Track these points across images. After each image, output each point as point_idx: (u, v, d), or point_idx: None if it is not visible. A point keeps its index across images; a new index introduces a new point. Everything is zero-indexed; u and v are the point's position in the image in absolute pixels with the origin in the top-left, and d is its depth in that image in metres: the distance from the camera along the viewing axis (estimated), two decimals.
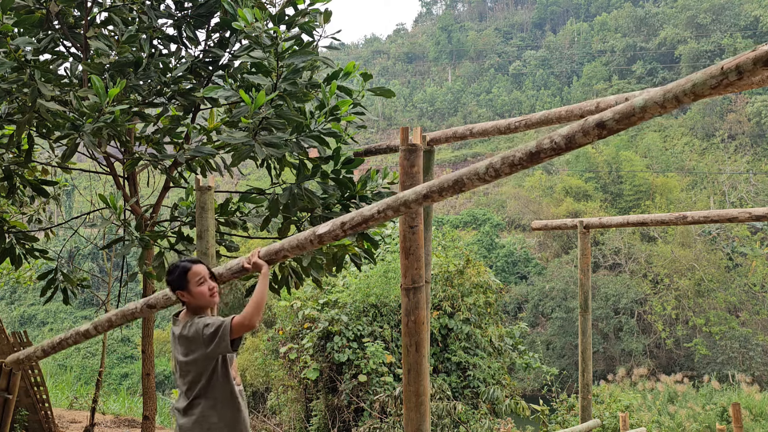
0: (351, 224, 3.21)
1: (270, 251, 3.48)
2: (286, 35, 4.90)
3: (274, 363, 13.36)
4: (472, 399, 11.70)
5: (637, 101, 2.24)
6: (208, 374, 3.18)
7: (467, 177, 2.75)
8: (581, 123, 2.35)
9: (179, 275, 3.27)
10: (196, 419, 3.19)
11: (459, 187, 2.80)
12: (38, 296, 35.78)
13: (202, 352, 3.14)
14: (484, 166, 2.69)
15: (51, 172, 7.18)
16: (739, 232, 36.95)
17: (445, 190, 2.86)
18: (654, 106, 2.21)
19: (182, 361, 3.21)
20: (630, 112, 2.24)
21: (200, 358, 3.16)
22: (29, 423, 6.40)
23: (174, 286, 3.29)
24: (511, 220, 49.91)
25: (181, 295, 3.28)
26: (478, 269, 12.97)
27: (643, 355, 33.32)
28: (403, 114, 70.31)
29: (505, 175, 2.65)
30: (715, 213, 6.80)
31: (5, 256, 5.83)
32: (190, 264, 3.31)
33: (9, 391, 5.41)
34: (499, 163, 2.62)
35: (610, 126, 2.29)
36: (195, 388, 3.20)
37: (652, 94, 2.23)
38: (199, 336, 3.13)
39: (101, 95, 4.40)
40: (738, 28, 57.31)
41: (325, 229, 3.27)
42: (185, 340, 3.19)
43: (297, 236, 3.43)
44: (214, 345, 3.10)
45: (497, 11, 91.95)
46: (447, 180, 2.85)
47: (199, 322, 3.17)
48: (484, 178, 2.70)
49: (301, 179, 5.13)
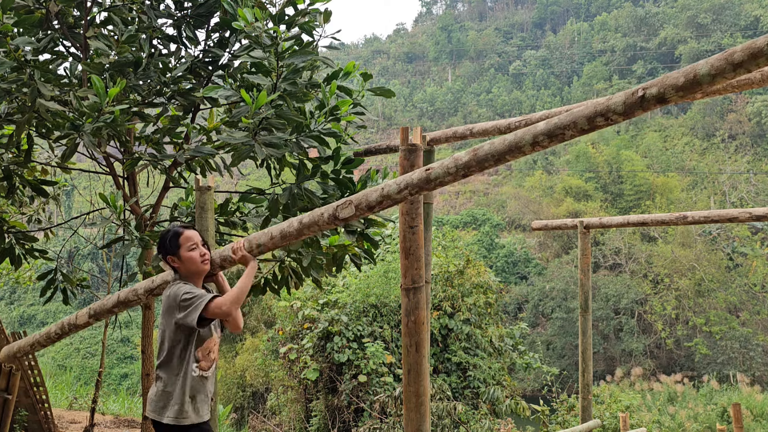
0: (368, 203, 2.97)
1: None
2: (286, 35, 4.89)
3: (274, 363, 13.36)
4: (473, 399, 11.69)
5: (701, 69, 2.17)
6: (169, 344, 3.17)
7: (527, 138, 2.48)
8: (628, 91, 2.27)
9: (171, 238, 3.24)
10: (158, 392, 3.21)
11: (518, 150, 2.53)
12: (38, 296, 35.81)
13: (171, 317, 3.13)
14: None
15: (51, 172, 7.18)
16: (740, 232, 36.96)
17: (488, 160, 2.62)
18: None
19: (159, 323, 3.21)
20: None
21: (169, 323, 3.15)
22: (29, 423, 6.40)
23: (166, 250, 3.25)
24: (511, 220, 49.93)
25: (171, 261, 3.25)
26: (478, 269, 12.97)
27: (644, 356, 33.32)
28: (403, 114, 70.31)
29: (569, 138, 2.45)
30: (716, 213, 6.80)
31: (5, 256, 5.83)
32: (182, 229, 3.29)
33: (8, 392, 5.41)
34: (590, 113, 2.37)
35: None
36: (160, 357, 3.20)
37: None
38: (176, 300, 3.11)
39: (101, 95, 4.39)
40: (738, 28, 57.33)
41: (347, 212, 3.04)
42: (165, 300, 3.18)
43: (313, 213, 3.20)
44: (184, 313, 3.07)
45: (497, 11, 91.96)
46: (500, 143, 2.59)
47: (182, 287, 3.15)
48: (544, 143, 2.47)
49: (301, 179, 5.13)
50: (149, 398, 3.27)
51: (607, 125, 2.36)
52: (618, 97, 2.28)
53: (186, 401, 3.19)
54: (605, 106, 2.30)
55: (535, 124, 2.51)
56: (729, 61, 2.04)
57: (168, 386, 3.19)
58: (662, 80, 2.18)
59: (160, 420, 3.22)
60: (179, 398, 3.18)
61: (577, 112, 2.37)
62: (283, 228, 3.25)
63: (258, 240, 3.34)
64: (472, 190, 58.12)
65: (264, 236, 3.32)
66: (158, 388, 3.21)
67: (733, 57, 2.04)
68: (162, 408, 3.22)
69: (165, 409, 3.21)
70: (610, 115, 2.30)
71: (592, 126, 2.36)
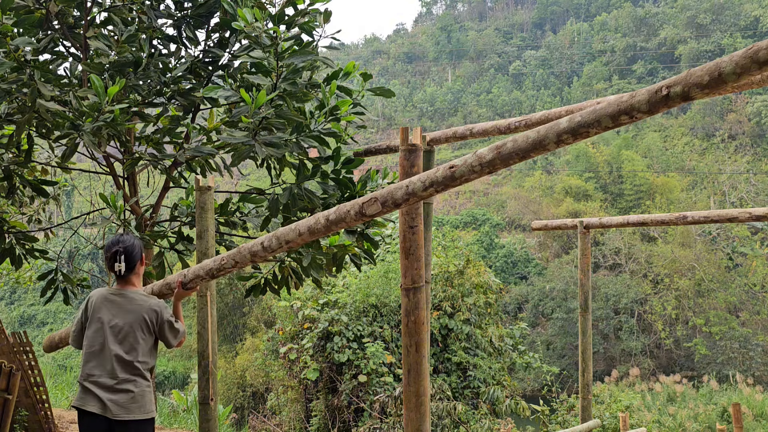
0: (393, 201, 2.99)
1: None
2: (285, 35, 4.89)
3: (274, 363, 13.35)
4: (472, 399, 11.69)
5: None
6: (145, 349, 3.55)
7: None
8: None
9: (140, 250, 3.69)
10: (144, 391, 3.52)
11: (542, 147, 2.54)
12: (38, 296, 35.73)
13: (152, 335, 3.58)
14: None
15: (51, 172, 7.17)
16: (740, 232, 36.95)
17: (512, 158, 2.61)
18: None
19: (121, 326, 3.52)
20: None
21: (147, 339, 3.57)
22: (29, 423, 6.39)
23: (138, 258, 3.65)
24: (511, 220, 49.92)
25: (139, 267, 3.67)
26: (478, 269, 12.96)
27: (643, 355, 33.31)
28: (403, 114, 70.29)
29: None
30: (715, 213, 6.80)
31: (5, 257, 5.83)
32: (141, 241, 3.78)
33: (9, 392, 5.41)
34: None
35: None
36: (135, 357, 3.52)
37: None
38: (162, 318, 3.58)
39: (100, 95, 4.39)
40: (738, 28, 57.33)
41: (374, 209, 3.05)
42: (146, 311, 3.56)
43: (339, 210, 3.22)
44: (171, 335, 3.60)
45: (497, 11, 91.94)
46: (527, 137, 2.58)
47: (164, 310, 3.61)
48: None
49: (301, 179, 5.13)
50: (131, 402, 3.45)
51: (630, 122, 2.39)
52: (642, 95, 2.28)
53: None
54: (629, 104, 2.30)
55: (557, 121, 2.51)
56: (754, 60, 2.01)
57: (148, 384, 3.55)
58: (686, 78, 2.18)
59: (152, 416, 3.51)
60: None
61: (600, 110, 2.38)
62: (311, 224, 3.31)
63: (285, 236, 3.42)
64: (472, 190, 58.13)
65: (292, 233, 3.39)
66: (141, 388, 3.49)
67: (758, 55, 2.00)
68: (151, 402, 3.53)
69: (151, 404, 3.54)
70: (634, 113, 2.31)
71: (616, 123, 2.37)
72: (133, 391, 3.43)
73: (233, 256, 3.68)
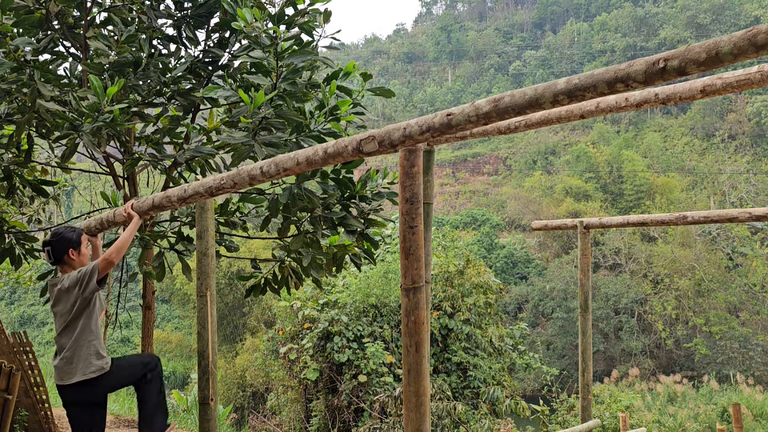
0: (390, 141, 3.10)
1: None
2: (285, 35, 4.89)
3: (274, 363, 13.34)
4: (472, 399, 11.68)
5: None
6: (76, 315, 3.79)
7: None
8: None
9: (77, 236, 3.94)
10: (93, 353, 3.83)
11: (538, 105, 2.56)
12: (38, 296, 35.67)
13: (76, 294, 3.78)
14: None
15: (51, 172, 7.17)
16: (740, 232, 36.96)
17: (508, 111, 2.62)
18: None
19: (59, 310, 3.83)
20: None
21: (77, 300, 3.78)
22: (29, 423, 6.40)
23: (71, 244, 3.89)
24: (511, 220, 49.94)
25: (71, 254, 3.90)
26: (478, 269, 12.96)
27: (643, 355, 33.32)
28: (403, 114, 70.32)
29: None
30: (715, 213, 6.79)
31: (5, 257, 5.83)
32: (80, 230, 4.05)
33: (9, 392, 5.41)
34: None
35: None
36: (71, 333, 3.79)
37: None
38: (76, 280, 3.79)
39: (99, 95, 4.39)
40: (738, 28, 57.28)
41: (371, 147, 3.14)
42: (69, 285, 3.78)
43: (338, 144, 3.28)
44: (84, 283, 3.76)
45: (497, 11, 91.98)
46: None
47: (73, 273, 3.84)
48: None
49: (301, 179, 5.12)
50: (84, 366, 3.76)
51: (625, 90, 2.38)
52: (639, 65, 2.28)
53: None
54: (626, 72, 2.30)
55: (554, 81, 2.52)
56: (752, 42, 2.02)
57: (100, 348, 3.84)
58: (684, 53, 2.19)
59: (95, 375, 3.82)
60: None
61: (597, 75, 2.38)
62: (309, 154, 3.37)
63: (284, 164, 3.47)
64: (472, 190, 58.15)
65: (290, 161, 3.45)
66: (92, 350, 3.80)
67: (756, 38, 2.01)
68: (89, 363, 3.81)
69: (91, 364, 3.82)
70: (630, 81, 2.31)
71: (612, 90, 2.37)
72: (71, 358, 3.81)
73: (233, 177, 3.75)
